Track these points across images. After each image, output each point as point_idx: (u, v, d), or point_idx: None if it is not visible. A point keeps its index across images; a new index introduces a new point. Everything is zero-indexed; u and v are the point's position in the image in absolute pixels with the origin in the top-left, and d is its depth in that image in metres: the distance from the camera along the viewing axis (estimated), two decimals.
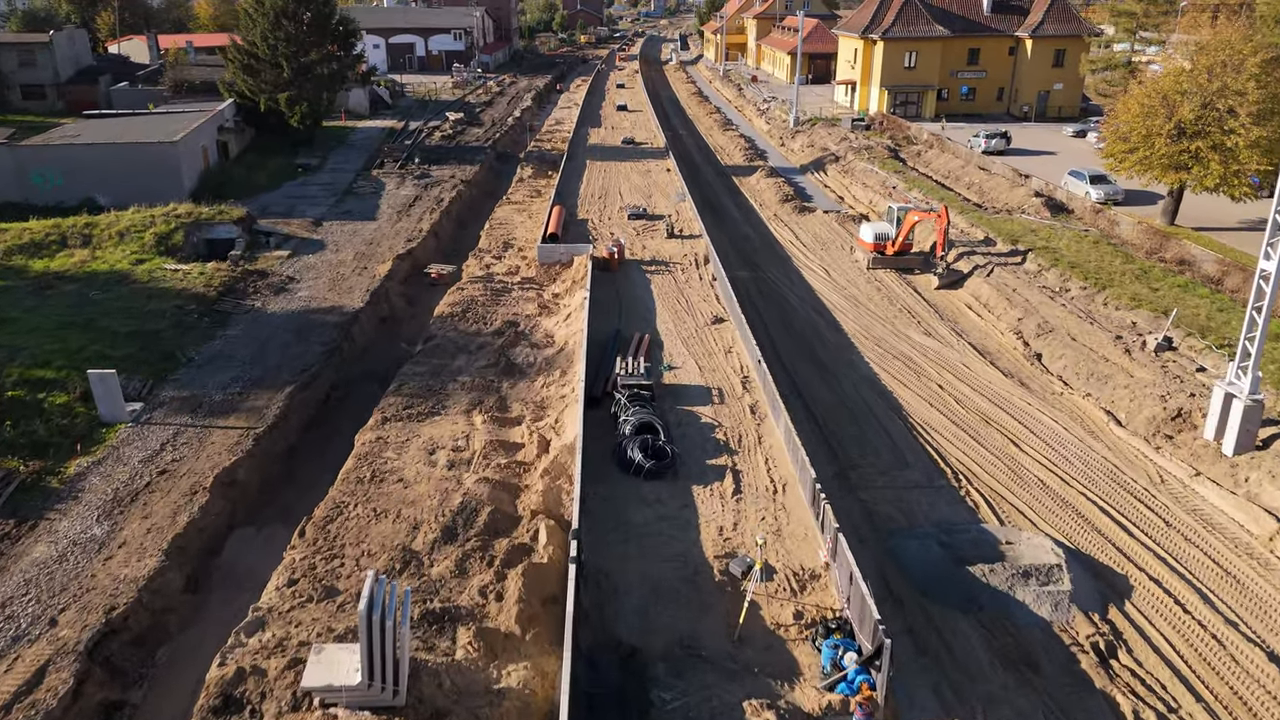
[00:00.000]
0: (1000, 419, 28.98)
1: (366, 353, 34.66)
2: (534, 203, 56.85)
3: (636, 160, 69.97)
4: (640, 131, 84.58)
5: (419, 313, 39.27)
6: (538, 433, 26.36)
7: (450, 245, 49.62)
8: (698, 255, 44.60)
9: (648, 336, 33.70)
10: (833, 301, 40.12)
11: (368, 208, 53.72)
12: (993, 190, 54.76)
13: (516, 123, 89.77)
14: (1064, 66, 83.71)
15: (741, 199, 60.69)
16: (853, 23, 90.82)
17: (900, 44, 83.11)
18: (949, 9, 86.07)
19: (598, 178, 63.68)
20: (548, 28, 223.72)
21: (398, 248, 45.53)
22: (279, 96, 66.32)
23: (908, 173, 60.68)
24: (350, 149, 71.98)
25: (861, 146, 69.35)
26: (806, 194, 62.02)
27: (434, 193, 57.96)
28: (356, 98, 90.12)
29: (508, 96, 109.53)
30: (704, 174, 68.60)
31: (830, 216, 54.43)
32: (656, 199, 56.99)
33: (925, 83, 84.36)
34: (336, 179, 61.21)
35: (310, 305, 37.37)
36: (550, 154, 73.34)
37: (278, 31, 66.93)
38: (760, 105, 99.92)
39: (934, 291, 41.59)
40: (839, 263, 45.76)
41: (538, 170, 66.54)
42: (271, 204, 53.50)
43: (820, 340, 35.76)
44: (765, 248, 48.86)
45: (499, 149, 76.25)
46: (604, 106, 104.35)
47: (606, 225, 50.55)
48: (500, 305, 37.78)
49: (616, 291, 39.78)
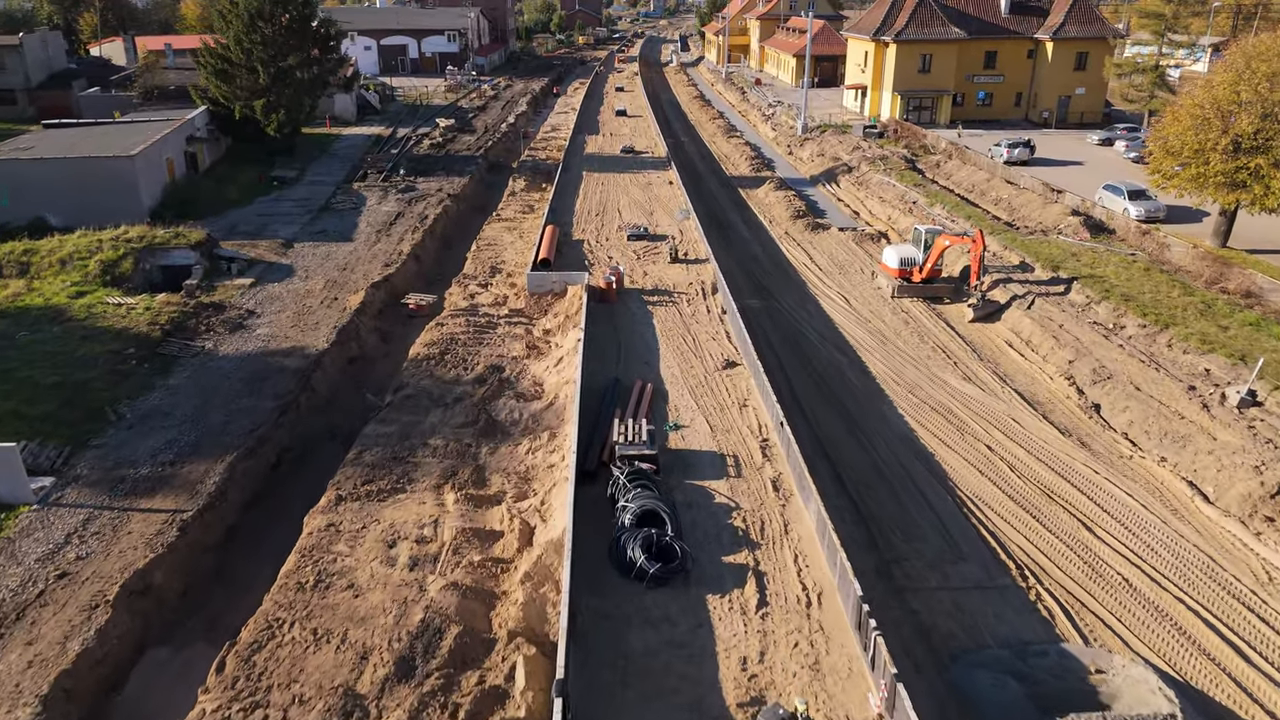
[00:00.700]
0: (1065, 492, 24.72)
1: (330, 404, 30.38)
2: (526, 220, 52.60)
3: (636, 171, 65.71)
4: (640, 139, 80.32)
5: (394, 350, 35.03)
6: (520, 517, 22.10)
7: (433, 269, 45.35)
8: (704, 283, 40.27)
9: (650, 386, 29.42)
10: (857, 337, 35.87)
11: (345, 226, 49.44)
12: (1023, 207, 50.46)
13: (510, 129, 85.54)
14: (1086, 70, 79.39)
15: (749, 214, 56.47)
16: (863, 24, 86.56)
17: (914, 46, 78.84)
18: (964, 10, 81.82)
19: (595, 191, 59.43)
20: (545, 29, 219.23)
21: (374, 274, 41.28)
22: (254, 103, 62.06)
23: (928, 186, 56.44)
24: (332, 159, 67.73)
25: (876, 156, 65.11)
26: (819, 209, 57.81)
27: (418, 209, 53.71)
28: (342, 103, 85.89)
29: (502, 101, 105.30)
30: (708, 186, 64.38)
31: (846, 235, 50.20)
32: (658, 216, 52.72)
33: (940, 87, 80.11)
34: (314, 193, 56.93)
35: (269, 346, 33.08)
36: (545, 164, 69.11)
37: (253, 34, 62.61)
38: (765, 110, 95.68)
39: (968, 325, 37.39)
40: (860, 289, 41.53)
41: (531, 182, 62.33)
42: (240, 222, 49.21)
43: (846, 386, 31.51)
44: (777, 271, 44.61)
45: (491, 158, 72.03)
46: (602, 111, 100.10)
47: (604, 248, 46.24)
48: (484, 345, 33.51)
49: (614, 327, 35.50)
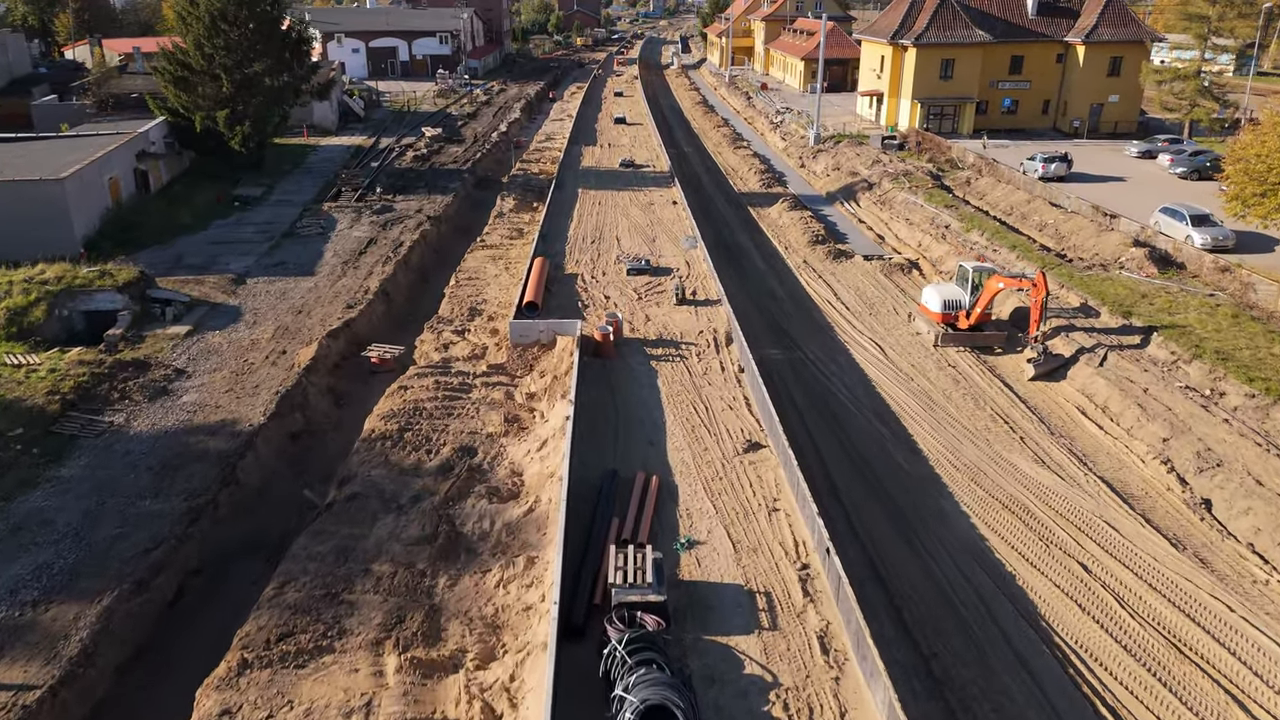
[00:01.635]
0: (1197, 643, 19.00)
1: (261, 498, 24.69)
2: (513, 247, 46.91)
3: (637, 189, 60.03)
4: (640, 150, 74.62)
5: (349, 419, 29.37)
6: (481, 698, 16.43)
7: (405, 308, 39.68)
8: (717, 332, 34.53)
9: (656, 481, 23.73)
10: (899, 401, 30.21)
11: (308, 257, 43.75)
12: (1074, 234, 44.74)
13: (502, 139, 79.86)
14: (1121, 76, 73.74)
15: (762, 238, 50.81)
16: (879, 27, 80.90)
17: (935, 51, 73.17)
18: (988, 11, 76.20)
19: (591, 212, 53.74)
20: (542, 29, 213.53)
21: (334, 318, 35.61)
22: (217, 114, 56.39)
23: (960, 208, 50.76)
24: (305, 174, 62.05)
25: (898, 172, 59.45)
26: (839, 232, 52.14)
27: (393, 234, 48.04)
28: (322, 111, 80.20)
29: (495, 106, 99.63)
30: (716, 205, 58.75)
31: (873, 265, 44.54)
32: (662, 243, 47.02)
33: (963, 95, 74.44)
34: (278, 216, 51.22)
35: (193, 420, 27.39)
36: (537, 180, 63.43)
37: (215, 38, 56.97)
38: (773, 118, 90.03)
39: (1027, 383, 31.78)
40: (895, 335, 35.90)
41: (521, 201, 56.66)
42: (189, 252, 43.52)
43: (893, 471, 25.86)
44: (799, 311, 38.96)
45: (479, 172, 66.35)
46: (600, 119, 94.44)
47: (600, 284, 40.50)
48: (454, 415, 27.84)
49: (611, 390, 29.81)
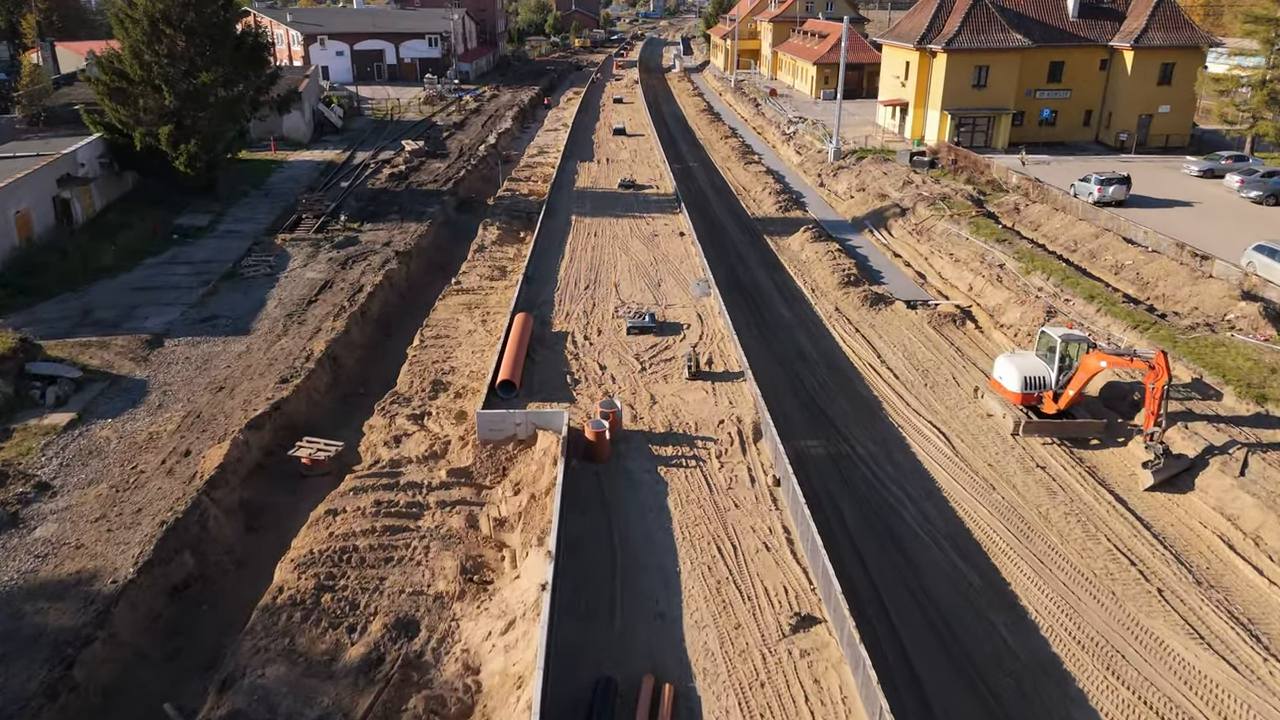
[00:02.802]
0: None
1: (106, 713, 17.56)
2: (493, 291, 39.82)
3: (638, 215, 52.91)
4: (642, 167, 67.53)
5: (260, 551, 22.30)
6: None
7: (356, 375, 32.57)
8: (741, 421, 27.31)
9: (670, 695, 16.63)
10: (982, 523, 23.17)
11: (246, 307, 36.65)
12: (1160, 279, 37.58)
13: (490, 153, 72.79)
14: (1172, 84, 66.71)
15: (783, 277, 43.74)
16: (904, 30, 73.80)
17: (967, 57, 66.11)
18: (1025, 13, 69.14)
19: (585, 246, 46.61)
20: (539, 30, 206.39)
21: (261, 398, 28.52)
22: (159, 131, 49.35)
23: (1015, 242, 43.66)
24: (263, 198, 54.97)
25: (935, 195, 52.38)
26: (872, 268, 45.07)
27: (354, 274, 41.00)
28: (292, 122, 73.11)
29: (485, 115, 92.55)
30: (728, 232, 51.67)
31: (919, 315, 37.50)
32: (668, 287, 39.91)
33: (998, 105, 67.36)
34: (223, 251, 44.12)
35: (38, 572, 20.25)
36: (525, 203, 56.32)
37: (156, 44, 49.90)
38: (785, 128, 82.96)
39: (1143, 493, 24.75)
40: (960, 416, 28.87)
41: (506, 230, 49.56)
42: (102, 303, 36.40)
43: (995, 649, 18.77)
44: (837, 380, 31.90)
45: (461, 193, 59.30)
46: (598, 128, 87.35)
47: (594, 347, 33.32)
48: (394, 561, 20.76)
49: (608, 519, 22.63)
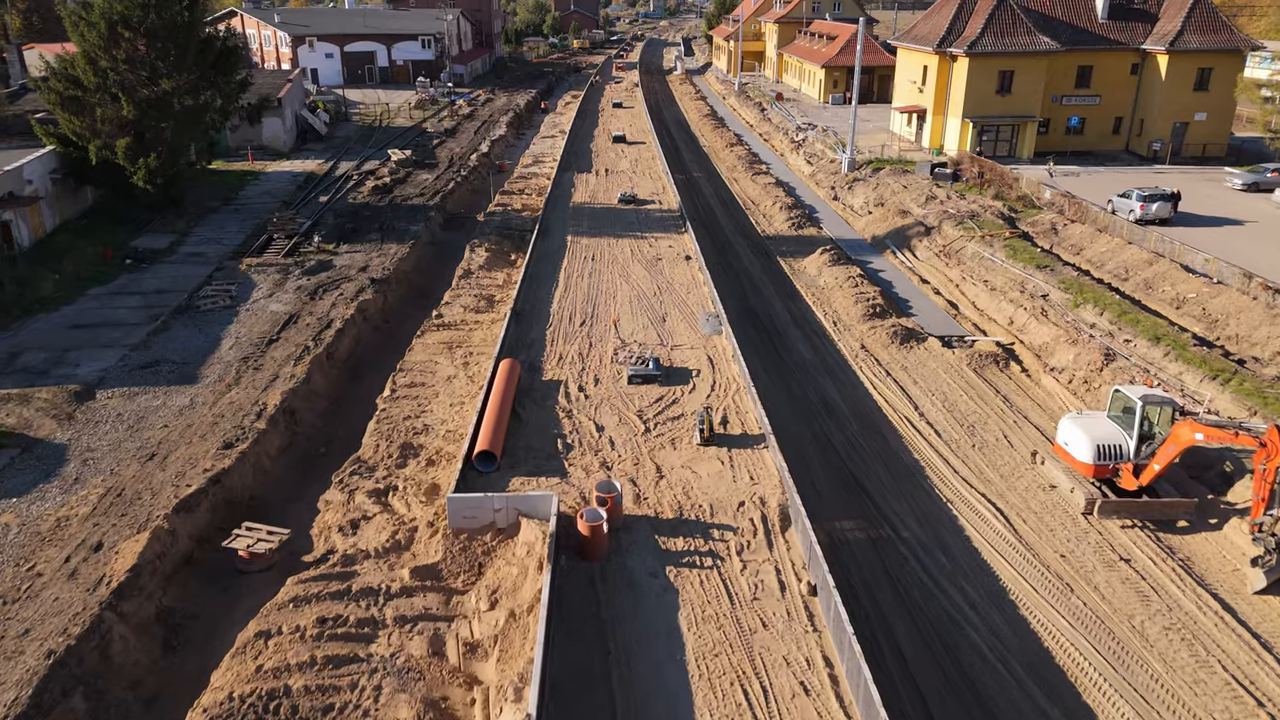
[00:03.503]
0: None
1: None
2: (478, 327, 35.54)
3: (640, 235, 48.63)
4: (643, 178, 63.28)
5: (178, 679, 18.00)
6: None
7: (316, 432, 28.29)
8: (765, 502, 22.87)
9: None
10: (1064, 641, 18.88)
11: (197, 349, 32.37)
12: (1229, 316, 33.21)
13: (482, 162, 68.55)
14: (1209, 90, 62.51)
15: (800, 306, 39.50)
16: (921, 32, 69.54)
17: (991, 61, 61.88)
18: (1051, 14, 64.94)
19: (582, 272, 42.32)
20: (538, 31, 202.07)
21: (199, 468, 24.23)
22: (116, 143, 45.13)
23: (1056, 268, 39.40)
24: (234, 214, 50.72)
25: (962, 213, 48.15)
26: (898, 296, 40.85)
27: (324, 305, 36.76)
28: (272, 130, 68.95)
29: (479, 120, 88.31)
30: (737, 253, 47.43)
31: (956, 355, 33.27)
32: (675, 323, 35.63)
33: (1023, 112, 63.14)
34: (180, 279, 39.86)
35: None
36: (517, 219, 52.03)
37: (114, 49, 45.68)
38: (794, 135, 78.74)
39: (1253, 596, 20.52)
40: (1018, 487, 24.63)
41: (496, 252, 45.30)
42: (29, 344, 32.07)
43: None
44: (871, 438, 27.63)
45: (449, 208, 55.09)
46: (596, 135, 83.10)
47: (591, 401, 28.96)
48: (335, 710, 16.50)
49: (605, 648, 18.13)
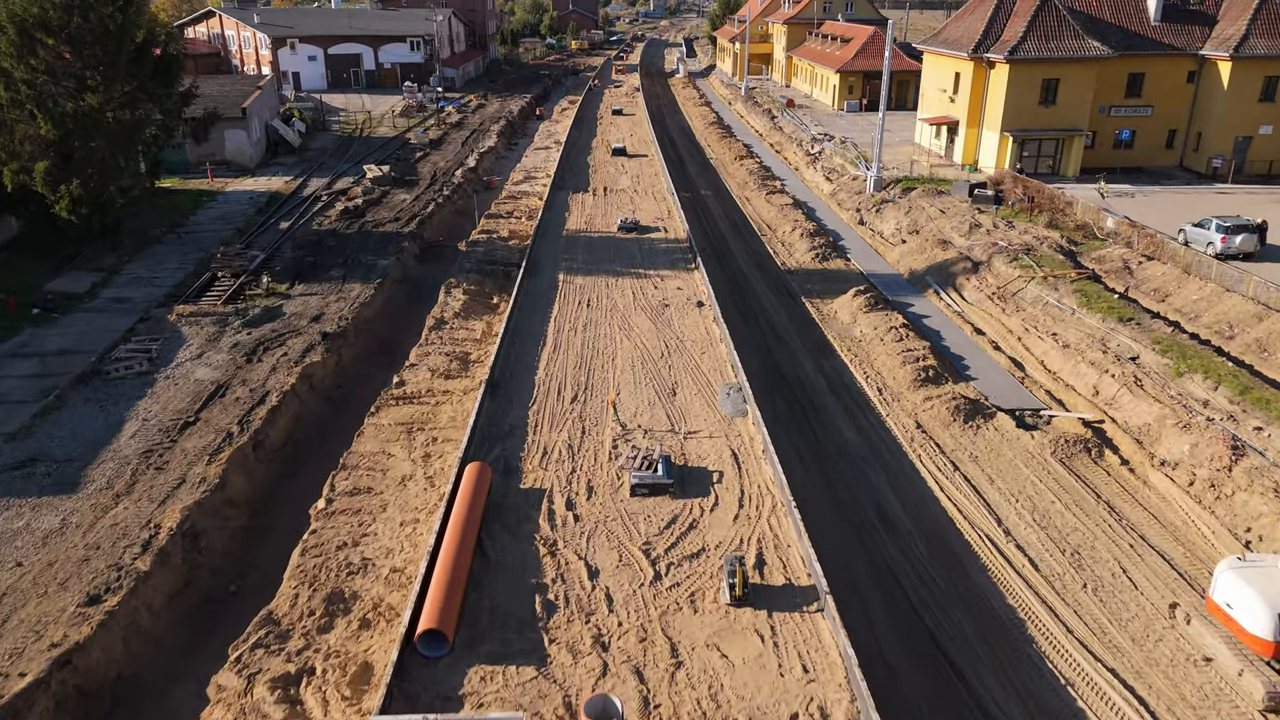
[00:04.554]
0: None
1: None
2: (447, 400, 29.01)
3: (643, 273, 42.08)
4: (645, 199, 56.81)
5: None
6: None
7: (227, 563, 21.79)
8: (827, 710, 16.52)
9: None
10: None
11: (91, 437, 25.83)
12: None
13: (467, 179, 62.10)
14: (1277, 101, 56.17)
15: (836, 366, 32.97)
16: (952, 36, 63.04)
17: (1035, 68, 55.43)
18: (1098, 16, 58.52)
19: (574, 325, 35.74)
20: (534, 32, 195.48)
21: (42, 644, 17.71)
22: (34, 168, 38.73)
23: (1144, 321, 32.90)
24: (177, 246, 44.26)
25: (1014, 246, 41.66)
26: (950, 352, 34.30)
27: (261, 370, 30.30)
28: (236, 143, 62.50)
29: (467, 129, 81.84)
30: (757, 293, 40.93)
31: (1037, 441, 26.81)
32: (687, 398, 29.05)
33: (1069, 125, 56.70)
34: (93, 332, 33.35)
35: None
36: (502, 250, 45.50)
37: (30, 58, 39.27)
38: (808, 146, 72.28)
39: None
40: (1156, 654, 18.19)
41: (475, 293, 38.80)
42: None
43: None
44: (946, 571, 21.10)
45: (427, 236, 48.65)
46: (594, 147, 76.62)
47: (582, 529, 22.15)
48: None
49: None
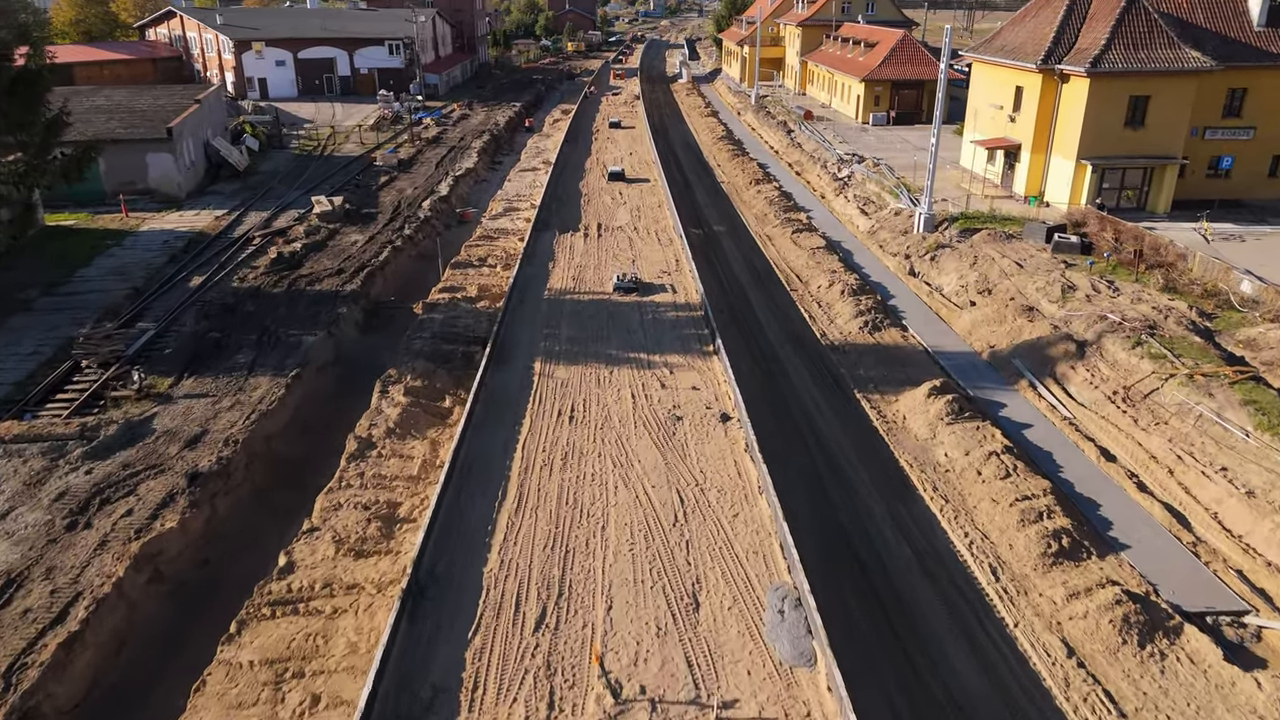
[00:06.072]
0: None
1: None
2: (352, 600, 19.03)
3: (646, 360, 32.03)
4: (648, 244, 46.84)
5: None
6: None
7: None
8: None
9: None
10: None
11: None
12: None
13: (438, 211, 52.26)
14: None
15: (921, 518, 23.09)
16: (1012, 42, 53.08)
17: (1121, 83, 45.67)
18: (1189, 20, 48.80)
19: (548, 454, 25.70)
20: (529, 33, 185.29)
21: None
22: None
23: None
24: (46, 315, 34.35)
25: (1131, 320, 31.80)
26: (1082, 498, 24.40)
27: (84, 545, 20.50)
28: (161, 169, 52.59)
29: (445, 146, 71.98)
30: (793, 382, 31.01)
31: (1263, 686, 17.07)
32: (714, 608, 18.99)
33: (1161, 152, 46.91)
34: None
35: None
36: (468, 317, 35.51)
37: None
38: (834, 168, 62.50)
39: None
40: None
41: (424, 390, 28.87)
42: None
43: None
44: None
45: (376, 293, 38.83)
46: (588, 170, 66.77)
47: None
48: None
49: None
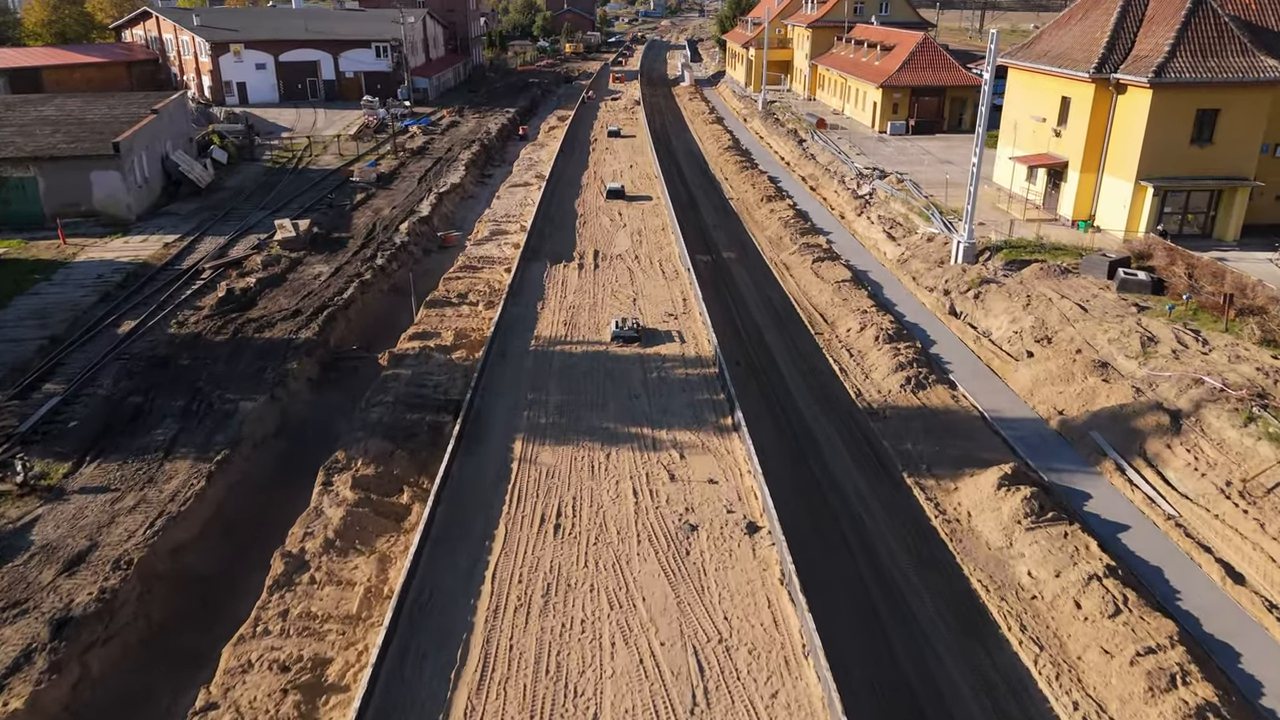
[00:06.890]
0: None
1: None
2: None
3: (648, 433, 26.46)
4: (651, 278, 41.32)
5: None
6: None
7: None
8: None
9: None
10: None
11: None
12: None
13: (416, 234, 46.80)
14: None
15: (1006, 670, 17.55)
16: (1057, 48, 47.51)
17: (1188, 94, 40.22)
18: (1259, 23, 43.35)
19: (526, 589, 20.03)
20: (526, 34, 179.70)
21: None
22: None
23: None
24: None
25: (1231, 387, 26.35)
26: (1204, 634, 19.04)
27: None
28: (107, 187, 47.07)
29: (431, 157, 66.51)
30: (826, 461, 25.50)
31: None
32: None
33: (1232, 172, 41.45)
34: None
35: None
36: (440, 371, 29.93)
37: None
38: (854, 184, 57.08)
39: None
40: None
41: (377, 481, 23.34)
42: None
43: None
44: None
45: (336, 340, 33.31)
46: (585, 186, 61.27)
47: None
48: None
49: None
